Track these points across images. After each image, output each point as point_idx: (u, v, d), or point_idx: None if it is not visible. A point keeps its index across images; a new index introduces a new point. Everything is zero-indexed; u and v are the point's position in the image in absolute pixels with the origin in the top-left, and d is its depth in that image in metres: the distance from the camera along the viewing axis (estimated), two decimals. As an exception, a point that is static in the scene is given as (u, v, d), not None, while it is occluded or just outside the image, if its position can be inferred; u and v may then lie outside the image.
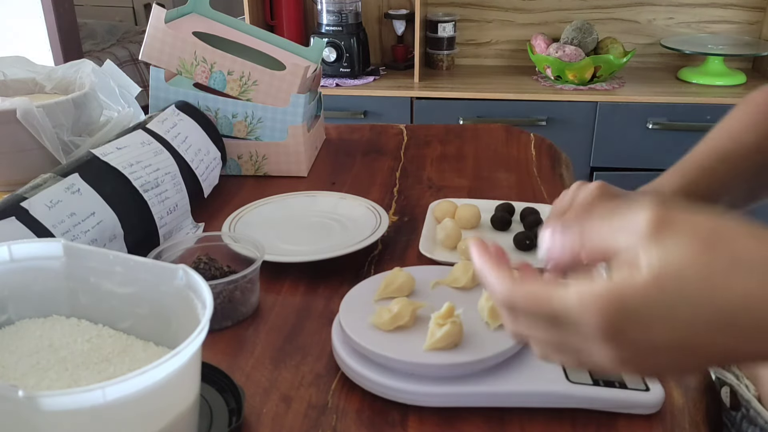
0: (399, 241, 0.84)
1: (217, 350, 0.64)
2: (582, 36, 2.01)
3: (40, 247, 0.54)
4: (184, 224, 0.84)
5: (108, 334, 0.53)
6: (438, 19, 2.11)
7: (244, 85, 0.98)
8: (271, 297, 0.72)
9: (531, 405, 0.55)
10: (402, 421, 0.54)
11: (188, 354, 0.42)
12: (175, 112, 0.93)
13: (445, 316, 0.56)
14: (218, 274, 0.68)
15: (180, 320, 0.50)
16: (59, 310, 0.55)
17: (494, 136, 1.22)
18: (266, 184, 1.01)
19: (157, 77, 0.99)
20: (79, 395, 0.37)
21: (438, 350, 0.55)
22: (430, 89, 2.00)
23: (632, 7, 2.16)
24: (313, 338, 0.65)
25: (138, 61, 3.18)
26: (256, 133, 1.01)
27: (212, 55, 0.97)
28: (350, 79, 2.05)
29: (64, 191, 0.69)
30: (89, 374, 0.48)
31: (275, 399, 0.57)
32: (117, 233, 0.72)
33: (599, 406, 0.54)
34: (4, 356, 0.50)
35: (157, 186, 0.79)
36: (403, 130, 1.25)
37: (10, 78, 1.07)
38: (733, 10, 2.13)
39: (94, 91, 1.01)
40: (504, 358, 0.56)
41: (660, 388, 0.55)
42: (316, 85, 1.12)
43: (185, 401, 0.45)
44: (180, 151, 0.86)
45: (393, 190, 0.99)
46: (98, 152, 0.77)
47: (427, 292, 0.65)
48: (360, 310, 0.61)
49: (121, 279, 0.53)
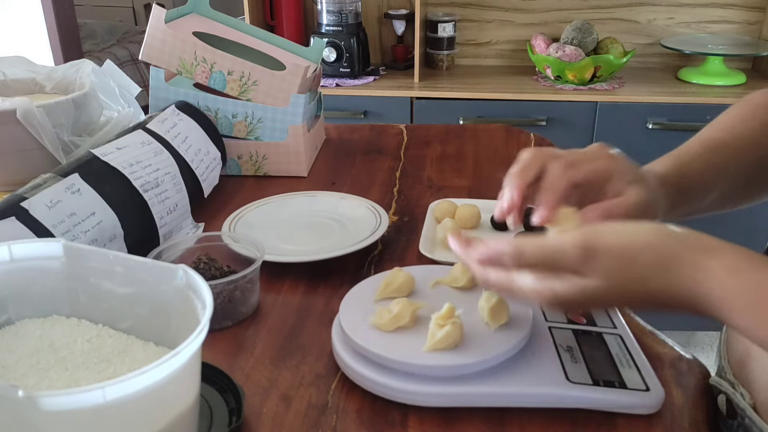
0: (399, 241, 0.84)
1: (217, 350, 0.64)
2: (582, 36, 2.01)
3: (40, 247, 0.54)
4: (184, 224, 0.84)
5: (108, 334, 0.53)
6: (438, 19, 2.11)
7: (244, 85, 0.98)
8: (271, 297, 0.72)
9: (531, 405, 0.55)
10: (402, 421, 0.54)
11: (188, 354, 0.42)
12: (175, 112, 0.93)
13: (445, 317, 0.56)
14: (218, 274, 0.68)
15: (180, 320, 0.50)
16: (59, 310, 0.55)
17: (494, 136, 1.22)
18: (266, 184, 1.01)
19: (157, 77, 0.99)
20: (79, 395, 0.37)
21: (438, 351, 0.55)
22: (430, 89, 2.00)
23: (632, 7, 2.16)
24: (313, 338, 0.65)
25: (138, 61, 3.18)
26: (256, 133, 1.01)
27: (212, 55, 0.97)
28: (350, 79, 2.05)
29: (64, 191, 0.69)
30: (89, 374, 0.48)
31: (275, 399, 0.57)
32: (117, 233, 0.72)
33: (599, 406, 0.54)
34: (4, 356, 0.50)
35: (157, 186, 0.79)
36: (403, 130, 1.25)
37: (10, 78, 1.08)
38: (733, 10, 2.13)
39: (94, 91, 1.01)
40: (504, 359, 0.56)
41: (660, 388, 0.55)
42: (316, 85, 1.12)
43: (185, 401, 0.45)
44: (180, 151, 0.86)
45: (393, 190, 0.99)
46: (98, 152, 0.77)
47: (427, 291, 0.65)
48: (360, 310, 0.61)
49: (121, 279, 0.53)
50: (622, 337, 0.61)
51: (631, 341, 0.61)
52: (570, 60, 1.95)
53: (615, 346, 0.60)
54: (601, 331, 0.62)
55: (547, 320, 0.63)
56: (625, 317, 0.65)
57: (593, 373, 0.56)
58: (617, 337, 0.61)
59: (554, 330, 0.61)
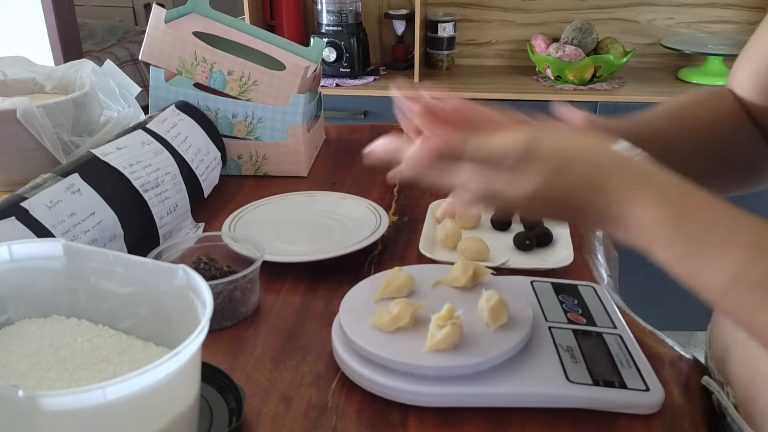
0: (399, 241, 0.84)
1: (217, 350, 0.64)
2: (582, 36, 2.01)
3: (40, 247, 0.54)
4: (184, 224, 0.84)
5: (108, 334, 0.53)
6: (438, 19, 2.11)
7: (244, 85, 0.98)
8: (271, 297, 0.72)
9: (531, 405, 0.55)
10: (402, 421, 0.54)
11: (188, 354, 0.42)
12: (175, 112, 0.93)
13: (445, 318, 0.56)
14: (218, 274, 0.68)
15: (180, 320, 0.50)
16: (59, 310, 0.55)
17: (494, 136, 1.21)
18: (266, 184, 1.01)
19: (157, 77, 0.99)
20: (79, 395, 0.37)
21: (438, 351, 0.55)
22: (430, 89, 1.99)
23: (632, 7, 2.16)
24: (313, 338, 0.65)
25: (138, 61, 3.18)
26: (256, 133, 1.01)
27: (212, 55, 0.97)
28: (350, 79, 2.05)
29: (64, 191, 0.69)
30: (89, 374, 0.48)
31: (275, 399, 0.57)
32: (117, 233, 0.72)
33: (599, 406, 0.54)
34: (4, 356, 0.50)
35: (157, 186, 0.79)
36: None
37: (10, 78, 1.07)
38: (733, 10, 2.13)
39: (94, 91, 1.01)
40: (504, 359, 0.56)
41: (660, 388, 0.55)
42: (316, 85, 1.12)
43: (185, 401, 0.45)
44: (180, 151, 0.86)
45: (393, 190, 0.99)
46: (98, 152, 0.77)
47: (427, 291, 0.65)
48: (360, 311, 0.61)
49: (121, 279, 0.53)
50: (622, 337, 0.61)
51: (631, 341, 0.61)
52: (570, 60, 1.95)
53: (615, 346, 0.60)
54: (601, 331, 0.62)
55: (547, 320, 0.63)
56: (625, 317, 0.65)
57: (593, 373, 0.56)
58: (617, 337, 0.61)
59: (554, 330, 0.61)
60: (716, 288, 0.42)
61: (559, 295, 0.67)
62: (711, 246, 0.42)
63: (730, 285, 0.41)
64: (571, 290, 0.68)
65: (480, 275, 0.66)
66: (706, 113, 0.66)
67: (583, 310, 0.65)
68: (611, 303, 0.67)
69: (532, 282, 0.69)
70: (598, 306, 0.66)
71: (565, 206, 0.47)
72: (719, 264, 0.42)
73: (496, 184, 0.48)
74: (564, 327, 0.62)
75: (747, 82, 0.65)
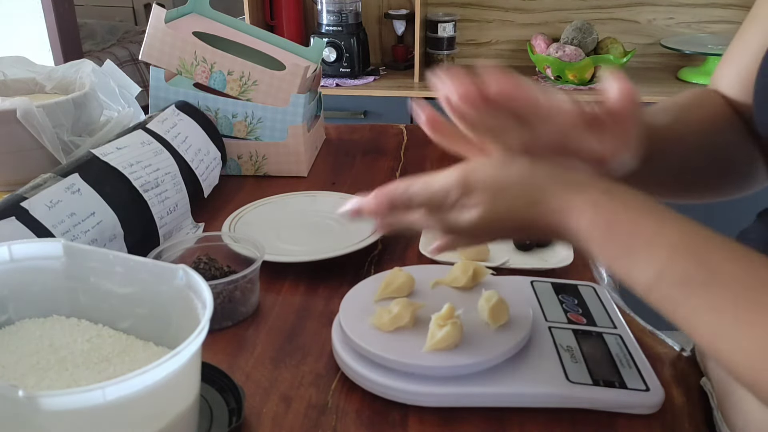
0: (399, 241, 0.84)
1: (217, 350, 0.64)
2: (582, 36, 2.01)
3: (40, 247, 0.54)
4: (184, 224, 0.84)
5: (108, 334, 0.53)
6: (438, 19, 2.11)
7: (244, 85, 0.98)
8: (271, 297, 0.72)
9: (531, 405, 0.55)
10: (402, 421, 0.54)
11: (188, 354, 0.42)
12: (175, 112, 0.93)
13: (445, 317, 0.56)
14: (218, 274, 0.68)
15: (180, 320, 0.50)
16: (59, 310, 0.55)
17: (494, 136, 1.21)
18: (266, 184, 1.01)
19: (157, 77, 0.99)
20: (79, 395, 0.37)
21: (438, 351, 0.55)
22: (430, 89, 2.00)
23: (632, 7, 2.16)
24: (313, 338, 0.65)
25: (138, 61, 3.18)
26: (256, 133, 1.01)
27: (212, 55, 0.97)
28: (350, 79, 2.05)
29: (64, 191, 0.69)
30: (89, 374, 0.48)
31: (275, 399, 0.57)
32: (117, 233, 0.72)
33: (599, 406, 0.54)
34: (4, 356, 0.50)
35: (157, 186, 0.79)
36: (403, 130, 1.25)
37: (10, 78, 1.07)
38: (733, 10, 2.13)
39: (94, 91, 1.01)
40: (504, 359, 0.56)
41: (660, 388, 0.55)
42: (316, 85, 1.12)
43: (185, 401, 0.45)
44: (180, 151, 0.86)
45: (393, 190, 0.99)
46: (98, 152, 0.77)
47: (427, 291, 0.65)
48: (360, 311, 0.61)
49: (121, 279, 0.53)
50: (622, 337, 0.61)
51: (631, 341, 0.61)
52: (570, 60, 1.95)
53: (615, 346, 0.60)
54: (601, 331, 0.62)
55: (547, 320, 0.63)
56: (625, 317, 0.65)
57: (593, 373, 0.56)
58: (617, 337, 0.61)
59: (554, 330, 0.61)
60: (643, 285, 0.44)
61: (559, 295, 0.67)
62: (637, 246, 0.44)
63: (653, 283, 0.43)
64: (571, 290, 0.68)
65: (480, 275, 0.66)
66: (706, 112, 0.66)
67: (583, 310, 0.65)
68: (611, 303, 0.67)
69: (532, 282, 0.69)
70: (598, 306, 0.66)
71: (514, 226, 0.50)
72: (643, 264, 0.44)
73: (448, 221, 0.51)
74: (564, 327, 0.62)
75: (731, 80, 0.66)
